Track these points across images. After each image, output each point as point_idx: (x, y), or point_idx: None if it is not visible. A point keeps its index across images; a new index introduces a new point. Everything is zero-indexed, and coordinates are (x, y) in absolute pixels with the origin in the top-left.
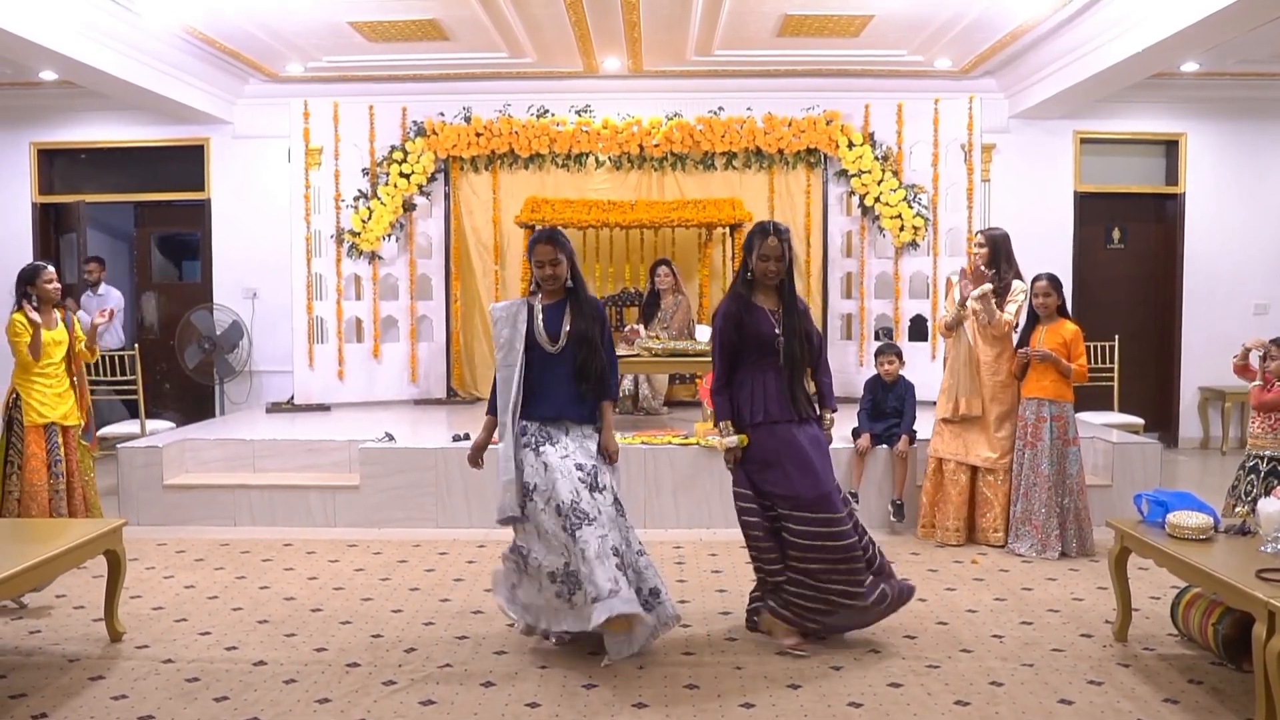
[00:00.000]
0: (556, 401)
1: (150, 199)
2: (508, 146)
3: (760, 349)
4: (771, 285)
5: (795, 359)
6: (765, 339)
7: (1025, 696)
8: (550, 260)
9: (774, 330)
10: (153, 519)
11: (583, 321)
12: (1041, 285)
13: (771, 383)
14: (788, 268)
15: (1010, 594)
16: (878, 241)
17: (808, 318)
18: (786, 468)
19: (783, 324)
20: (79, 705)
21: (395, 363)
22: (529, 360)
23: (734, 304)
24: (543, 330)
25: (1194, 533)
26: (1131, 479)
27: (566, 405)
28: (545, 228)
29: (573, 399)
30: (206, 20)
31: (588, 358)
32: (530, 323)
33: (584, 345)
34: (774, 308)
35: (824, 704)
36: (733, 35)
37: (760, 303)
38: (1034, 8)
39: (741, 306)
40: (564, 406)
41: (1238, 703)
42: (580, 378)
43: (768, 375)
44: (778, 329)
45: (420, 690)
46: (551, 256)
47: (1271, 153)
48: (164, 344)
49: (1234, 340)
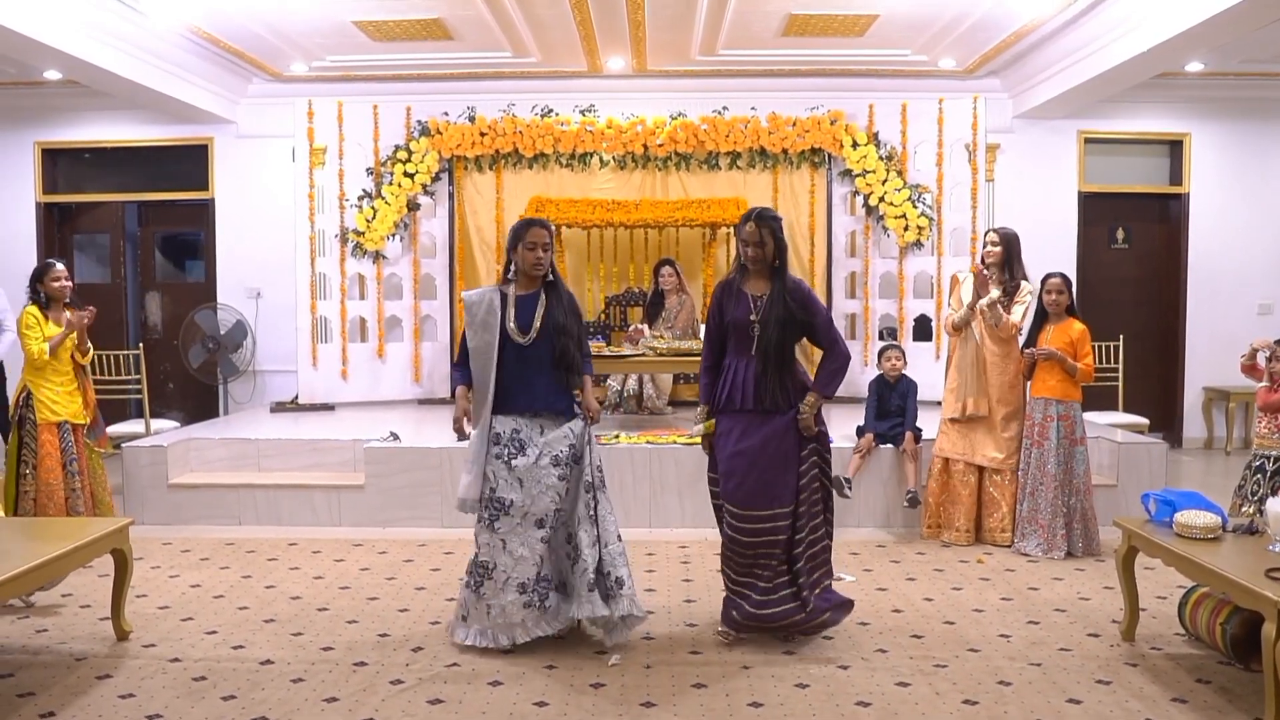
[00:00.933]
0: (533, 395)
1: (154, 198)
2: (512, 146)
3: (738, 335)
4: (761, 270)
5: (768, 347)
6: (741, 325)
7: (1033, 696)
8: (543, 244)
9: (749, 316)
10: (158, 518)
11: (560, 312)
12: (1055, 283)
13: (744, 370)
14: (777, 253)
15: (1017, 594)
16: (882, 241)
17: (805, 303)
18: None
19: (762, 311)
20: (87, 704)
21: (399, 362)
22: (500, 356)
23: (720, 288)
24: (514, 322)
25: (1202, 532)
26: (1137, 479)
27: (544, 397)
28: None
29: (552, 391)
30: (211, 19)
31: (566, 346)
32: (502, 312)
33: (562, 335)
34: (762, 293)
35: (832, 703)
36: (737, 35)
37: (750, 289)
38: (1038, 7)
39: (725, 291)
40: (541, 399)
41: (1247, 702)
42: (560, 366)
43: (743, 362)
44: (755, 315)
45: (428, 689)
46: (544, 240)
47: (1275, 153)
48: (167, 344)
49: (1238, 340)
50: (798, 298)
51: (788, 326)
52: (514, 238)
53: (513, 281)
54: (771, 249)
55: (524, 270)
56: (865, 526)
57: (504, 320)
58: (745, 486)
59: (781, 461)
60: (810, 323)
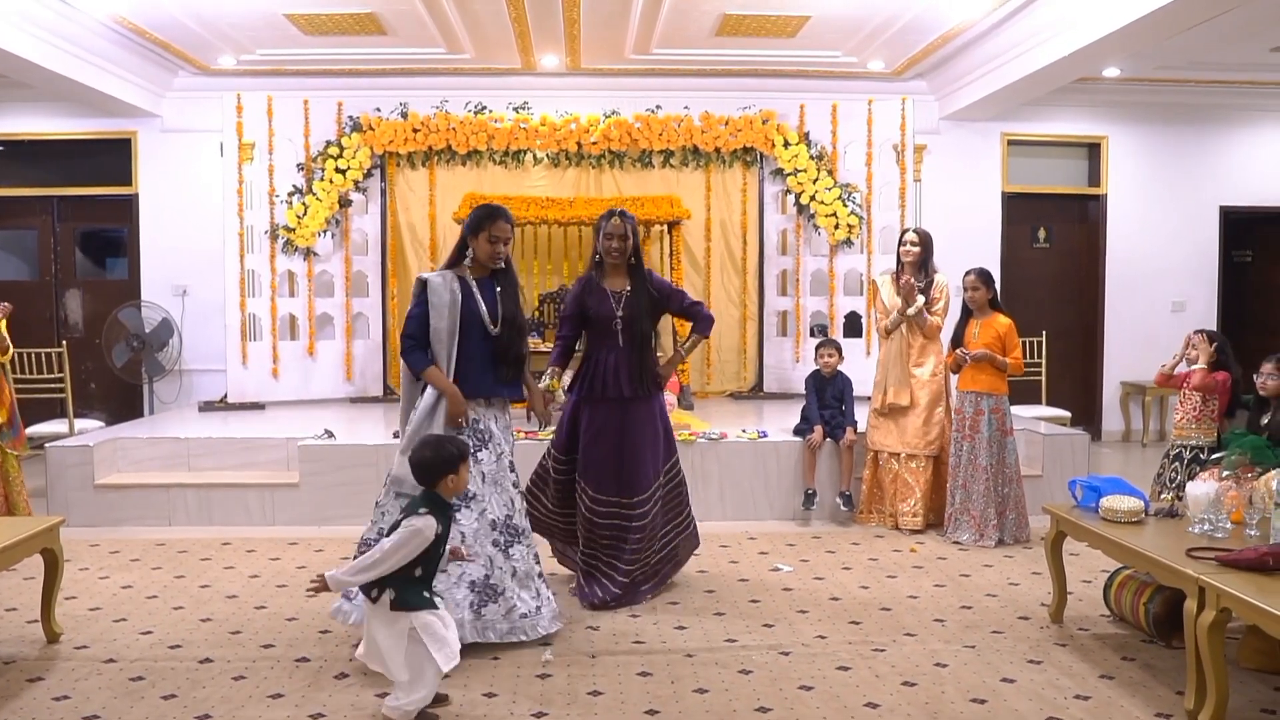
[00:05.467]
0: (488, 381)
1: (73, 193)
2: (445, 143)
3: (601, 328)
4: (620, 266)
5: (636, 339)
6: (604, 319)
7: (969, 676)
8: (505, 239)
9: (614, 311)
10: (84, 519)
11: (513, 304)
12: (969, 279)
13: (610, 360)
14: (634, 249)
15: (949, 580)
16: (813, 239)
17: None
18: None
19: (626, 306)
20: (19, 707)
21: (330, 361)
22: (462, 340)
23: (578, 285)
24: (485, 310)
25: (1126, 516)
26: (1061, 469)
27: (499, 385)
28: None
29: (504, 379)
30: (136, 10)
31: (513, 340)
32: (467, 297)
33: (513, 328)
34: (621, 289)
35: (775, 687)
36: (671, 34)
37: (609, 285)
38: (964, 12)
39: (585, 288)
40: (496, 386)
41: (1169, 677)
42: (506, 359)
43: (608, 353)
44: (619, 310)
45: (375, 683)
46: (508, 235)
47: (1189, 156)
48: (89, 342)
49: (1154, 337)
50: (658, 286)
51: (652, 316)
52: (475, 225)
53: (468, 267)
54: (632, 244)
55: (481, 260)
56: (805, 519)
57: (472, 306)
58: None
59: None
60: (667, 302)
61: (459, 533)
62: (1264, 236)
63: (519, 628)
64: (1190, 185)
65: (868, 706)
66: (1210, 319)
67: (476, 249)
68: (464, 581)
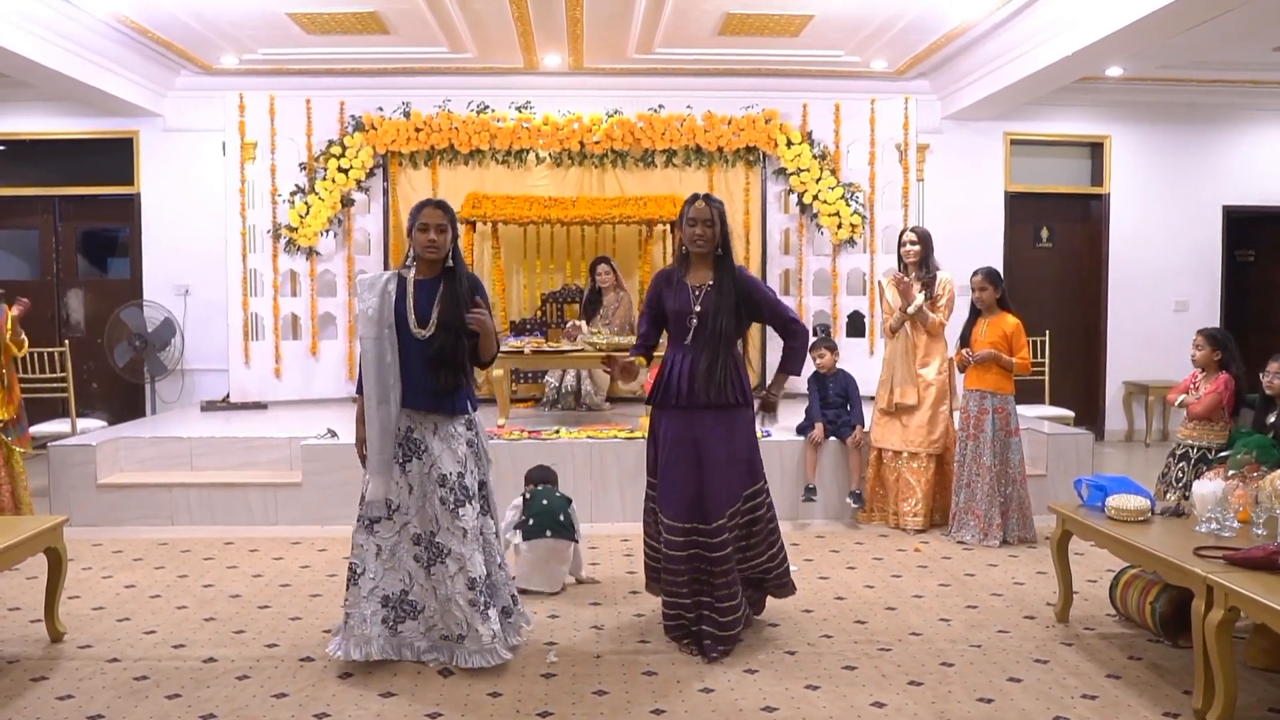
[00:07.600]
0: (422, 392)
1: (75, 193)
2: (447, 142)
3: (677, 324)
4: (704, 256)
5: (710, 340)
6: (680, 315)
7: (975, 675)
8: (436, 225)
9: (690, 306)
10: (87, 519)
11: (453, 306)
12: (977, 280)
13: (684, 361)
14: (723, 237)
15: (954, 580)
16: (816, 239)
17: (750, 291)
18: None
19: (704, 301)
20: (23, 706)
21: (333, 360)
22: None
23: (661, 274)
24: (412, 311)
25: (1133, 515)
26: (1065, 469)
27: (436, 398)
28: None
29: (444, 386)
30: (139, 9)
31: (444, 344)
32: (400, 299)
33: (448, 332)
34: (702, 283)
35: (781, 686)
36: (674, 33)
37: (691, 279)
38: (967, 11)
39: (664, 279)
40: (432, 399)
41: (1176, 676)
42: (440, 365)
43: (683, 354)
44: (696, 306)
45: (379, 683)
46: (438, 221)
47: (1191, 155)
48: (90, 342)
49: (1156, 336)
50: (748, 284)
51: (735, 314)
52: (410, 219)
53: (412, 267)
54: (719, 231)
55: (418, 254)
56: (809, 518)
57: (401, 306)
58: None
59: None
60: (757, 307)
61: (375, 544)
62: (1266, 236)
63: (440, 648)
64: (1193, 185)
65: (874, 706)
66: (1213, 318)
67: (414, 243)
68: (375, 596)
